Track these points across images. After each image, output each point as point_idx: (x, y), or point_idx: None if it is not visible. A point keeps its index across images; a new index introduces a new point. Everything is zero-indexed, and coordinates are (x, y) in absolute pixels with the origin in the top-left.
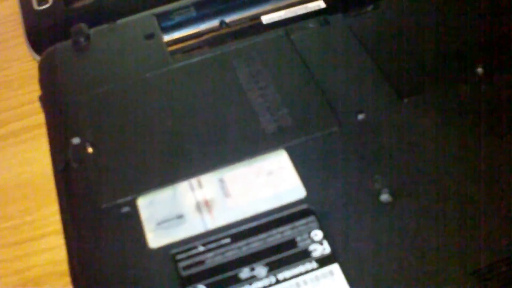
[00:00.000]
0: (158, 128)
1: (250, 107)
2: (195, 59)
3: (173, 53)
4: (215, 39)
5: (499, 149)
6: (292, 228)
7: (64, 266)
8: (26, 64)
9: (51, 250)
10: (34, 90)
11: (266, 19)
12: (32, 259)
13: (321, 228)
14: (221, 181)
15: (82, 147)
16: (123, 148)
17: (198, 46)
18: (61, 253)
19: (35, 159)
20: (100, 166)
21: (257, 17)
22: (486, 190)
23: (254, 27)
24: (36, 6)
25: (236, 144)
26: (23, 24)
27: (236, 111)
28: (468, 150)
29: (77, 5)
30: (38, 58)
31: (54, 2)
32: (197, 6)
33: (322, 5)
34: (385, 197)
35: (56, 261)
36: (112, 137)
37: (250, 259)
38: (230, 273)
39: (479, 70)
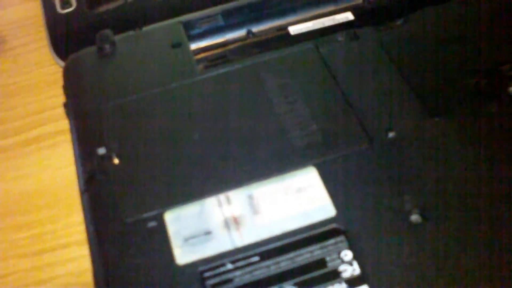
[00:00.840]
0: (185, 140)
1: (279, 121)
2: (222, 70)
3: (199, 61)
4: (241, 49)
5: None
6: (322, 248)
7: (87, 278)
8: (47, 69)
9: (73, 260)
10: (55, 95)
11: (293, 30)
12: (54, 270)
13: (350, 248)
14: (250, 197)
15: (107, 158)
16: (149, 160)
17: (224, 55)
18: (84, 264)
19: (58, 166)
20: (126, 178)
21: (284, 27)
22: None
23: (281, 37)
24: (59, 10)
25: (265, 160)
26: (46, 27)
27: (265, 125)
28: (500, 170)
29: (101, 9)
30: (61, 62)
31: (78, 6)
32: (224, 15)
33: (350, 17)
34: (415, 218)
35: (79, 272)
36: (138, 148)
37: (279, 278)
38: None
39: (510, 89)
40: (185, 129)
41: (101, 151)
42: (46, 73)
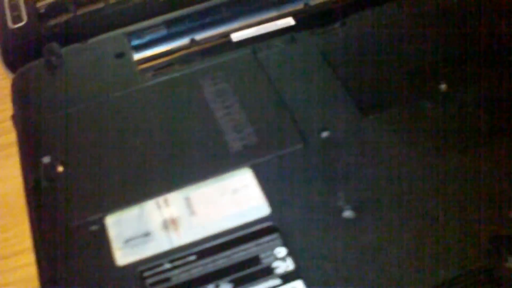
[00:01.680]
0: (126, 147)
1: (216, 125)
2: (163, 78)
3: (144, 71)
4: (185, 57)
5: (463, 164)
6: (256, 245)
7: (35, 283)
8: (0, 82)
9: (24, 267)
10: (6, 108)
11: (235, 36)
12: (6, 276)
13: (285, 245)
14: (187, 199)
15: (52, 166)
16: (92, 167)
17: (169, 64)
18: (34, 270)
19: (8, 177)
20: (70, 184)
21: (226, 34)
22: (446, 205)
23: (224, 44)
24: (11, 24)
25: (202, 163)
26: None
27: (202, 129)
28: (430, 166)
29: (51, 23)
30: (12, 76)
31: (28, 20)
32: (167, 24)
33: (292, 22)
34: (348, 213)
35: (30, 277)
36: (82, 156)
37: (215, 276)
38: None
39: (443, 86)
40: (126, 136)
41: (46, 159)
42: None
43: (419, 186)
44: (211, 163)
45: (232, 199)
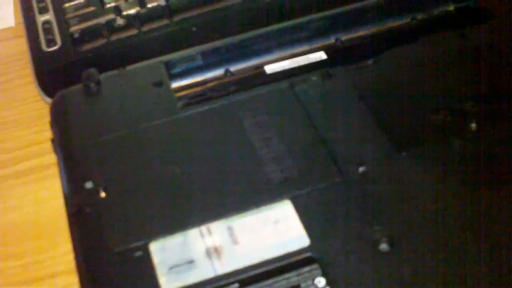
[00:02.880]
0: (168, 175)
1: (256, 157)
2: (202, 108)
3: (180, 99)
4: (220, 87)
5: (494, 201)
6: (297, 275)
7: None
8: (33, 104)
9: None
10: (41, 130)
11: (269, 69)
12: None
13: (324, 275)
14: (230, 228)
15: (95, 191)
16: (135, 194)
17: (204, 93)
18: None
19: (46, 199)
20: (113, 210)
21: (260, 66)
22: (482, 241)
23: (258, 76)
24: (45, 48)
25: (244, 193)
26: (32, 65)
27: (242, 160)
28: (464, 201)
29: (86, 48)
30: (46, 98)
31: (62, 44)
32: (203, 55)
33: (323, 56)
34: (383, 246)
35: None
36: (124, 182)
37: None
38: None
39: (473, 125)
40: (167, 164)
41: (89, 185)
42: (31, 108)
43: (453, 221)
44: (252, 194)
45: (273, 230)
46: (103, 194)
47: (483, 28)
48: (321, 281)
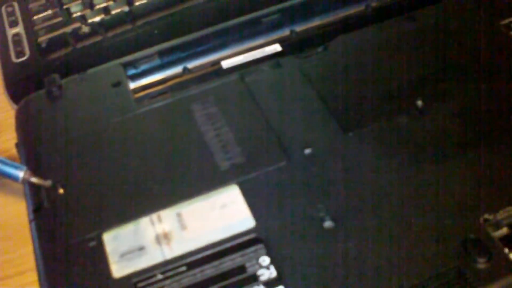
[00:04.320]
0: (123, 168)
1: (206, 146)
2: (157, 104)
3: (140, 99)
4: (178, 85)
5: (435, 175)
6: (242, 255)
7: None
8: (3, 114)
9: (27, 285)
10: (10, 138)
11: (226, 64)
12: None
13: (268, 254)
14: (179, 215)
15: (54, 189)
16: (90, 188)
17: (163, 92)
18: None
19: (12, 202)
20: (70, 205)
21: (217, 62)
22: (421, 213)
23: (215, 72)
24: (14, 59)
25: (193, 181)
26: (2, 76)
27: (193, 150)
28: (406, 177)
29: (52, 56)
30: (16, 107)
31: (31, 55)
32: (161, 54)
33: (278, 48)
34: (328, 223)
35: None
36: (81, 178)
37: (204, 285)
38: None
39: (419, 102)
40: (123, 159)
41: (48, 183)
42: (3, 117)
43: (395, 196)
44: (201, 181)
45: (220, 214)
46: (61, 191)
47: (432, 10)
48: (265, 259)
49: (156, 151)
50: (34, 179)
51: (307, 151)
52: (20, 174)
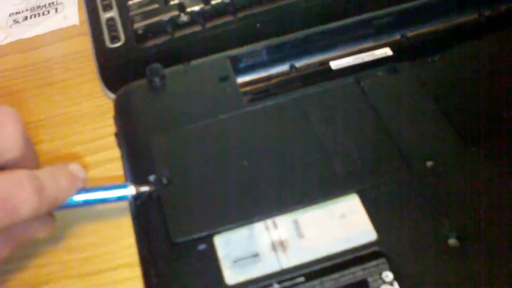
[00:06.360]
0: (233, 168)
1: (322, 151)
2: (269, 103)
3: (244, 94)
4: (284, 83)
5: None
6: (364, 269)
7: None
8: (96, 100)
9: (122, 282)
10: (105, 125)
11: (334, 64)
12: None
13: (391, 269)
14: (295, 222)
15: (158, 183)
16: (199, 186)
17: (268, 89)
18: (132, 286)
19: None
20: (176, 201)
21: (326, 62)
22: None
23: (323, 72)
24: (109, 44)
25: (310, 187)
26: (96, 61)
27: (309, 154)
28: None
29: (149, 44)
30: (110, 94)
31: (126, 41)
32: (268, 50)
33: (389, 52)
34: (452, 241)
35: None
36: (188, 175)
37: None
38: None
39: None
40: (233, 157)
41: (152, 178)
42: (95, 104)
43: None
44: (319, 187)
45: (339, 224)
46: (166, 184)
47: None
48: (388, 275)
49: (270, 151)
50: (143, 189)
51: (429, 163)
52: (128, 192)
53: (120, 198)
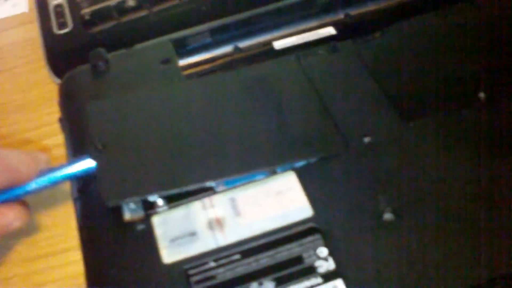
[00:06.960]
0: (168, 136)
1: (259, 129)
2: (208, 78)
3: (188, 77)
4: (228, 64)
5: (499, 170)
6: (299, 245)
7: (81, 280)
8: (44, 87)
9: (71, 264)
10: (52, 112)
11: (278, 44)
12: (54, 273)
13: (326, 245)
14: (232, 200)
15: (93, 149)
16: (133, 152)
17: (212, 70)
18: (78, 268)
19: None
20: (111, 166)
21: (269, 42)
22: (486, 209)
23: (266, 52)
24: (56, 30)
25: (244, 156)
26: (43, 48)
27: (246, 133)
28: (469, 171)
29: (96, 29)
30: (58, 81)
31: (74, 27)
32: (212, 32)
33: (333, 31)
34: (388, 216)
35: (76, 274)
36: (124, 141)
37: (258, 274)
38: None
39: (481, 95)
40: (169, 126)
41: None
42: (42, 91)
43: (457, 190)
44: (253, 158)
45: (276, 201)
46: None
47: None
48: (323, 251)
49: (207, 122)
50: None
51: (367, 139)
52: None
53: (86, 172)
